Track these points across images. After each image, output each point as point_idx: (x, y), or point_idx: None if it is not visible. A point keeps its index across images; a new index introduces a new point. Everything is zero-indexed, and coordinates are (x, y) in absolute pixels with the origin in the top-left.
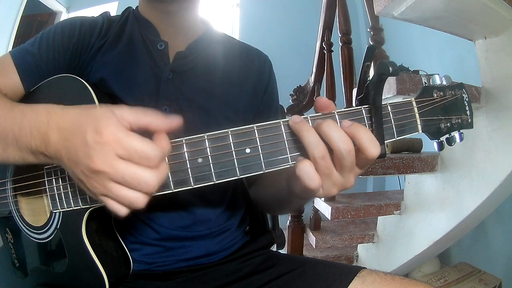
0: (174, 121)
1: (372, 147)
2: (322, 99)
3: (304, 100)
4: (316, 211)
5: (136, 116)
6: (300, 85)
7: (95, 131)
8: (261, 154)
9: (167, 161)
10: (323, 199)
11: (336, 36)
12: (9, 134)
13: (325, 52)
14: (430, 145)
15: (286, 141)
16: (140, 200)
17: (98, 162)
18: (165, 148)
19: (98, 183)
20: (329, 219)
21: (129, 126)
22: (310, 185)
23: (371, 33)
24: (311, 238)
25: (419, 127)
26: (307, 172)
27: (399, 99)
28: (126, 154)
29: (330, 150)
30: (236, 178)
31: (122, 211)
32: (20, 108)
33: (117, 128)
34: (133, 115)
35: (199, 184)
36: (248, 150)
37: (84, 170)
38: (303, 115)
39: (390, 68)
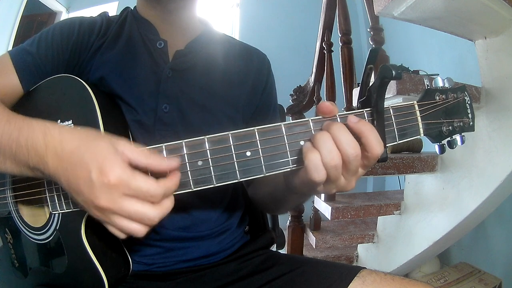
0: (173, 163)
1: (377, 146)
2: (325, 103)
3: (304, 100)
4: (316, 211)
5: (136, 156)
6: (300, 85)
7: (100, 172)
8: (261, 157)
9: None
10: (323, 199)
11: (336, 36)
12: (6, 149)
13: (325, 52)
14: (430, 145)
15: (287, 144)
16: (141, 231)
17: (104, 202)
18: (169, 187)
19: (101, 214)
20: (329, 219)
21: (128, 162)
22: (315, 177)
23: (371, 33)
24: (311, 238)
25: (421, 130)
26: (316, 164)
27: (399, 99)
28: (132, 193)
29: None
30: (236, 181)
31: (122, 236)
32: (16, 122)
33: (122, 170)
34: (134, 154)
35: (199, 187)
36: (248, 153)
37: (87, 202)
38: (303, 115)
39: (393, 72)
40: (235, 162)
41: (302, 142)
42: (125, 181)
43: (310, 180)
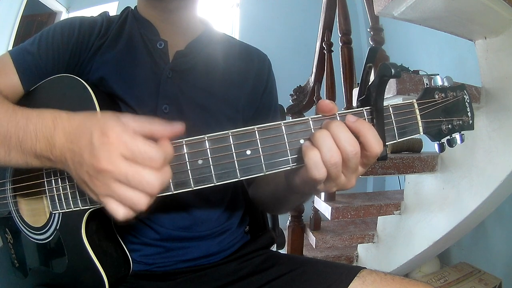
0: (177, 127)
1: (376, 144)
2: (325, 101)
3: (304, 100)
4: (316, 211)
5: (140, 123)
6: (300, 85)
7: (101, 132)
8: (261, 156)
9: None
10: (323, 199)
11: (336, 36)
12: (12, 138)
13: (325, 52)
14: (430, 145)
15: (287, 143)
16: (142, 201)
17: (103, 161)
18: (168, 151)
19: (101, 182)
20: (329, 219)
21: (133, 132)
22: (316, 175)
23: (371, 33)
24: (311, 238)
25: (421, 129)
26: (316, 162)
27: (399, 99)
28: (130, 154)
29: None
30: (236, 180)
31: (122, 213)
32: (23, 112)
33: (122, 130)
34: (137, 122)
35: (199, 185)
36: (248, 152)
37: (88, 170)
38: (303, 115)
39: (392, 70)
40: (235, 161)
41: (302, 141)
42: (125, 141)
43: (310, 179)
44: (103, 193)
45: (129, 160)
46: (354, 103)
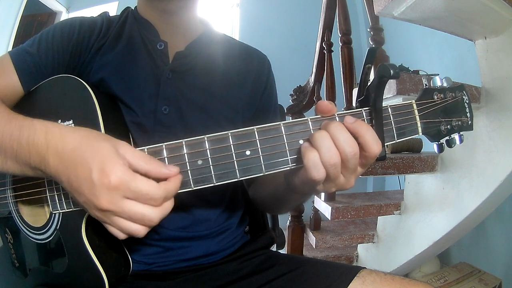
0: (173, 171)
1: (375, 145)
2: (324, 102)
3: (304, 100)
4: (316, 211)
5: (137, 161)
6: (300, 85)
7: (100, 172)
8: (261, 156)
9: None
10: (323, 199)
11: (336, 36)
12: (7, 148)
13: (325, 52)
14: (430, 145)
15: (286, 143)
16: (141, 232)
17: (104, 202)
18: (169, 190)
19: (102, 216)
20: (329, 219)
21: (129, 166)
22: (315, 175)
23: (371, 33)
24: (311, 238)
25: (420, 129)
26: (315, 162)
27: (399, 99)
28: (132, 195)
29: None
30: (236, 180)
31: (122, 237)
32: (17, 122)
33: (123, 172)
34: (135, 159)
35: (199, 186)
36: (248, 152)
37: (88, 203)
38: (303, 115)
39: (391, 71)
40: (235, 161)
41: (301, 141)
42: (126, 183)
43: (310, 179)
44: (103, 221)
45: (131, 200)
46: (354, 103)
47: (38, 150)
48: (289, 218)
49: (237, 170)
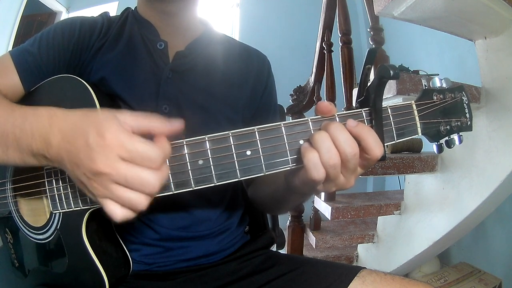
0: (176, 124)
1: (377, 148)
2: (324, 103)
3: (304, 100)
4: (316, 211)
5: (138, 120)
6: (300, 85)
7: (97, 134)
8: (261, 156)
9: (167, 163)
10: (323, 199)
11: (336, 36)
12: (9, 136)
13: (325, 52)
14: (430, 145)
15: (286, 143)
16: (142, 201)
17: (100, 164)
18: (166, 149)
19: (99, 184)
20: (329, 219)
21: (130, 130)
22: (315, 176)
23: (371, 33)
24: (311, 238)
25: (419, 130)
26: (315, 163)
27: (399, 99)
28: (128, 156)
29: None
30: (236, 180)
31: (121, 214)
32: (21, 110)
33: (119, 131)
34: (135, 119)
35: (200, 186)
36: (249, 152)
37: (85, 172)
38: (303, 115)
39: (391, 72)
40: (236, 161)
41: (301, 142)
42: (122, 142)
43: (310, 180)
44: (101, 194)
45: (127, 162)
46: (354, 104)
47: (41, 133)
48: (289, 218)
49: (237, 170)
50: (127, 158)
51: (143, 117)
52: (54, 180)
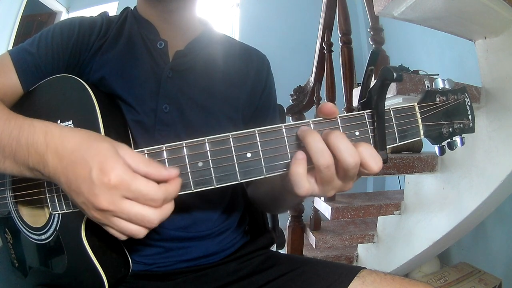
0: (173, 173)
1: (373, 163)
2: (328, 105)
3: (304, 100)
4: (316, 211)
5: (137, 163)
6: (300, 85)
7: (100, 171)
8: (262, 159)
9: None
10: (323, 199)
11: (336, 36)
12: (6, 148)
13: (325, 52)
14: (430, 145)
15: (287, 145)
16: (141, 233)
17: (104, 202)
18: (170, 191)
19: (101, 216)
20: (329, 219)
21: (128, 168)
22: (297, 191)
23: (371, 33)
24: (311, 238)
25: (421, 132)
26: (298, 180)
27: (399, 99)
28: (132, 196)
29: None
30: (236, 182)
31: (122, 238)
32: (17, 121)
33: (123, 172)
34: (134, 161)
35: (199, 188)
36: (249, 155)
37: (86, 203)
38: (303, 115)
39: (394, 74)
40: (236, 164)
41: (302, 144)
42: (126, 183)
43: (294, 192)
44: (102, 223)
45: (130, 200)
46: (354, 103)
47: (37, 150)
48: (289, 218)
49: (237, 173)
50: (130, 198)
51: (141, 161)
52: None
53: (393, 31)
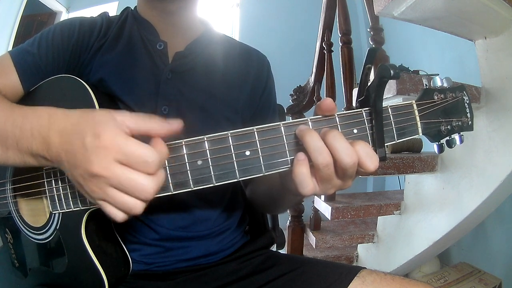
0: (175, 125)
1: (369, 162)
2: (327, 101)
3: (304, 100)
4: (316, 211)
5: (136, 121)
6: (300, 85)
7: (93, 135)
8: (261, 157)
9: (166, 165)
10: (323, 199)
11: (336, 36)
12: (9, 136)
13: (325, 52)
14: (430, 145)
15: (286, 143)
16: (137, 206)
17: (96, 166)
18: (163, 153)
19: (96, 186)
20: (329, 219)
21: (129, 131)
22: (302, 191)
23: (371, 33)
24: (311, 238)
25: (420, 130)
26: (302, 179)
27: (399, 99)
28: (124, 159)
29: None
30: (236, 180)
31: (119, 216)
32: (20, 110)
33: (115, 133)
34: (134, 120)
35: (199, 186)
36: (248, 153)
37: (82, 174)
38: (303, 115)
39: (392, 71)
40: (235, 162)
41: (301, 142)
42: (118, 144)
43: (298, 192)
44: (98, 197)
45: (123, 165)
46: (354, 103)
47: (41, 132)
48: (289, 218)
49: (236, 171)
50: (123, 161)
51: (142, 118)
52: (53, 181)
53: (393, 31)
